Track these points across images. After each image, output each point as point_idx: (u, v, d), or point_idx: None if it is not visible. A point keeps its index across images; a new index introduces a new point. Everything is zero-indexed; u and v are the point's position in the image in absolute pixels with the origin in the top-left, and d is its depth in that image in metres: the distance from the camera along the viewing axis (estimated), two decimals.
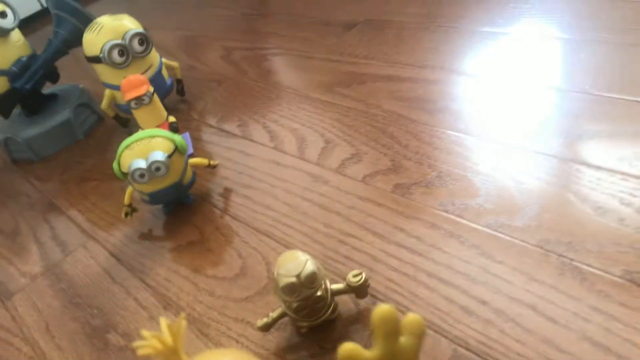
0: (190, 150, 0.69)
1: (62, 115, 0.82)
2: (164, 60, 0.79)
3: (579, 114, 0.53)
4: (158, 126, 0.67)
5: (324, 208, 0.52)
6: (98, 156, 0.77)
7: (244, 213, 0.55)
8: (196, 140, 0.72)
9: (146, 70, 0.74)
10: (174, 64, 0.81)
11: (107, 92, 0.75)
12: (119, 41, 0.70)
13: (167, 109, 0.71)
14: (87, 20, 0.76)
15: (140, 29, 0.72)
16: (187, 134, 0.74)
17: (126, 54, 0.71)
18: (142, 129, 0.67)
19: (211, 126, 0.74)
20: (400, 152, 0.56)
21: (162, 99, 0.79)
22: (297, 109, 0.71)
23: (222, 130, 0.72)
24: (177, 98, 0.84)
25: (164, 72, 0.78)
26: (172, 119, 0.69)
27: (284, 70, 0.85)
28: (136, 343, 0.22)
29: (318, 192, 0.54)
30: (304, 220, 0.51)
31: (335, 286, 0.40)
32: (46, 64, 0.79)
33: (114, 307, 0.49)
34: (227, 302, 0.45)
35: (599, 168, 0.45)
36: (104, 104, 0.76)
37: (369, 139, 0.60)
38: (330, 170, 0.57)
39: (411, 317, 0.25)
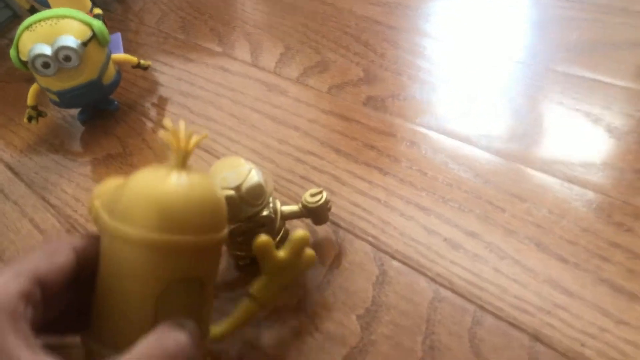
0: (120, 51, 0.57)
1: None
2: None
3: None
4: None
5: (279, 122, 0.42)
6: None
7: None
8: (129, 42, 0.60)
9: None
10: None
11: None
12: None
13: (95, 5, 0.57)
14: None
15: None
16: (118, 35, 0.61)
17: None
18: None
19: (149, 27, 0.62)
20: (376, 62, 0.46)
21: None
22: (253, 11, 0.59)
23: (162, 31, 0.60)
24: None
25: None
26: (97, 10, 0.56)
27: None
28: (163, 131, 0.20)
29: (272, 103, 0.44)
30: (253, 134, 0.41)
31: (287, 208, 0.30)
32: None
33: (3, 229, 0.38)
34: None
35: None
36: None
37: (338, 45, 0.50)
38: (289, 79, 0.47)
39: (309, 253, 0.26)
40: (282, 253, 0.25)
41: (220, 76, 0.49)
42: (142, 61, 0.49)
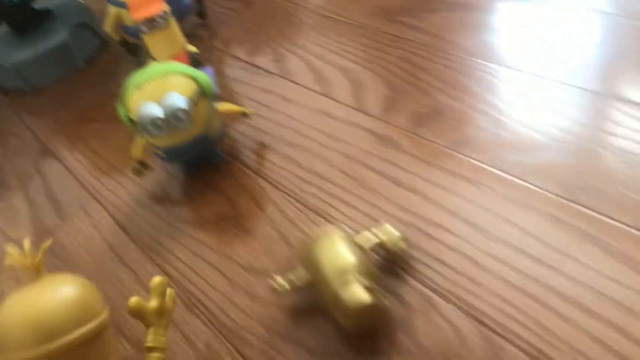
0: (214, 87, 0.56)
1: (58, 36, 0.67)
2: None
3: None
4: (174, 57, 0.53)
5: (398, 184, 0.39)
6: (100, 90, 0.63)
7: (288, 181, 0.42)
8: (220, 76, 0.58)
9: None
10: None
11: (112, 10, 0.60)
12: None
13: (184, 35, 0.56)
14: None
15: None
16: (209, 69, 0.59)
17: None
18: (155, 59, 0.53)
19: (239, 59, 0.60)
20: (504, 111, 0.42)
21: (178, 20, 0.65)
22: (350, 42, 0.56)
23: (253, 65, 0.58)
24: (196, 22, 0.69)
25: None
26: (192, 48, 0.55)
27: None
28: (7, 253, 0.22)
29: (387, 159, 0.41)
30: (371, 198, 0.39)
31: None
32: None
33: (120, 298, 0.38)
34: (274, 310, 0.34)
35: None
36: (107, 25, 0.61)
37: (449, 86, 0.46)
38: (399, 128, 0.44)
39: (170, 291, 0.30)
40: (152, 303, 0.28)
41: (323, 122, 0.47)
42: (247, 111, 0.47)
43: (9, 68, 0.65)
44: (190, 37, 0.66)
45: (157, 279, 0.28)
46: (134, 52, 0.65)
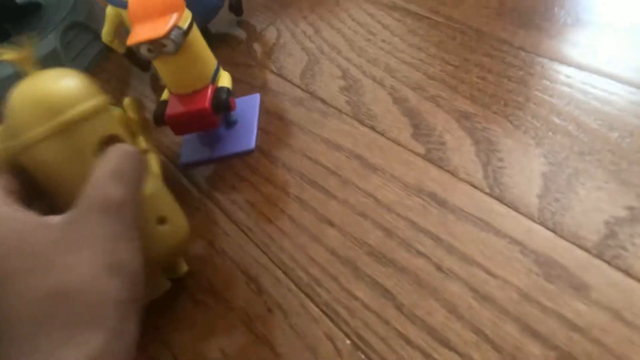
0: (255, 119, 0.38)
1: (45, 41, 0.49)
2: None
3: None
4: (197, 92, 0.34)
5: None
6: None
7: None
8: (270, 115, 0.39)
9: None
10: None
11: (110, 11, 0.42)
12: None
13: (212, 41, 0.38)
14: None
15: None
16: (256, 97, 0.41)
17: None
18: (168, 87, 0.36)
19: (290, 81, 0.41)
20: None
21: (205, 22, 0.46)
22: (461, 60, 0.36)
23: (312, 94, 0.39)
24: (230, 18, 0.50)
25: None
26: (224, 79, 0.36)
27: None
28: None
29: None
30: None
31: None
32: None
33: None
34: None
35: None
36: (106, 32, 0.43)
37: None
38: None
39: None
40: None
41: (442, 220, 0.28)
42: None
43: None
44: (222, 44, 0.47)
45: (127, 99, 0.29)
46: (144, 67, 0.46)
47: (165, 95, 0.37)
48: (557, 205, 0.27)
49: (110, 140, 0.24)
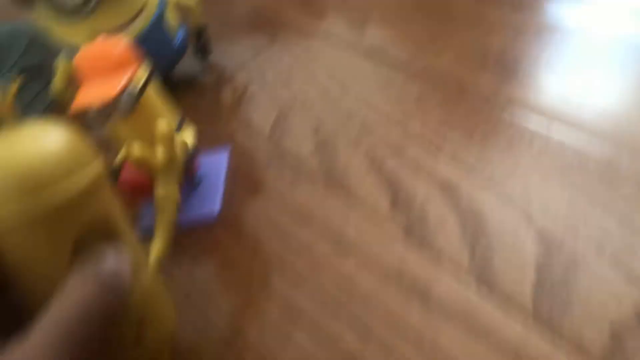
0: (221, 177, 0.34)
1: None
2: None
3: None
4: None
5: None
6: None
7: None
8: (238, 174, 0.36)
9: (131, 19, 0.36)
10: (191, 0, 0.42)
11: (61, 62, 0.38)
12: None
13: (175, 91, 0.34)
14: None
15: None
16: (224, 157, 0.37)
17: None
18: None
19: (260, 133, 0.38)
20: None
21: (167, 69, 0.43)
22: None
23: (285, 150, 0.36)
24: (195, 64, 0.47)
25: (169, 18, 0.40)
26: (187, 136, 0.33)
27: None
28: None
29: None
30: None
31: None
32: None
33: None
34: None
35: None
36: (55, 86, 0.39)
37: None
38: None
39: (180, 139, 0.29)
40: (159, 155, 0.27)
41: (426, 317, 0.25)
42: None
43: None
44: (188, 89, 0.43)
45: (162, 127, 0.27)
46: (95, 126, 0.43)
47: (120, 157, 0.33)
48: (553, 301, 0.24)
49: (95, 226, 0.19)
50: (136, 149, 0.26)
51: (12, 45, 0.49)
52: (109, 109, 0.28)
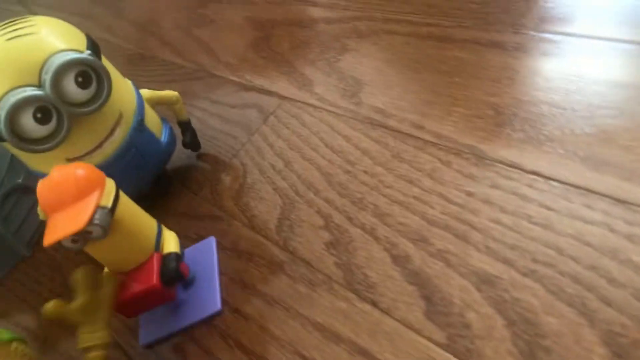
0: (215, 271, 0.32)
1: None
2: (146, 93, 0.38)
3: None
4: (142, 266, 0.28)
5: None
6: (60, 279, 0.39)
7: None
8: (222, 252, 0.33)
9: (108, 135, 0.34)
10: (170, 94, 0.40)
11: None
12: (31, 92, 0.29)
13: (169, 188, 0.32)
14: None
15: (77, 53, 0.30)
16: (211, 240, 0.34)
17: (54, 115, 0.30)
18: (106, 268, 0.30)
19: (278, 246, 0.34)
20: None
21: (158, 171, 0.40)
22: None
23: (296, 256, 0.32)
24: (188, 153, 0.44)
25: (152, 119, 0.37)
26: (169, 242, 0.30)
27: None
28: None
29: None
30: None
31: None
32: None
33: None
34: None
35: None
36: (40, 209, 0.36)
37: None
38: None
39: (108, 273, 0.28)
40: (76, 302, 0.26)
41: None
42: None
43: None
44: (182, 189, 0.40)
45: (81, 271, 0.26)
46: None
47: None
48: None
49: None
50: (47, 306, 0.25)
51: None
52: (85, 234, 0.26)
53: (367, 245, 0.31)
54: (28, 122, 0.30)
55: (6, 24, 0.32)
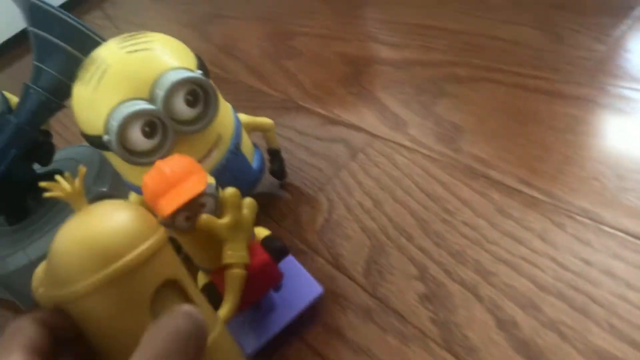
0: (319, 290, 0.30)
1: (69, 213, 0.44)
2: (244, 118, 0.38)
3: None
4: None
5: None
6: None
7: None
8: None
9: (205, 156, 0.34)
10: (266, 122, 0.40)
11: (133, 198, 0.36)
12: (143, 106, 0.30)
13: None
14: (89, 44, 0.36)
15: (190, 72, 0.31)
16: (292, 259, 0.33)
17: (159, 130, 0.31)
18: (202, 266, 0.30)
19: (365, 291, 0.33)
20: None
21: (247, 193, 0.39)
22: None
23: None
24: (272, 180, 0.43)
25: (246, 144, 0.37)
26: (260, 231, 0.29)
27: None
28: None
29: None
30: None
31: None
32: (21, 134, 0.41)
33: None
34: None
35: None
36: None
37: None
38: None
39: (249, 200, 0.28)
40: (224, 219, 0.26)
41: None
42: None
43: None
44: (264, 217, 0.40)
45: (229, 190, 0.27)
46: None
47: (201, 278, 0.32)
48: None
49: (167, 285, 0.21)
50: (202, 217, 0.26)
51: (87, 165, 0.48)
52: (197, 208, 0.26)
53: (468, 304, 0.28)
54: (135, 135, 0.31)
55: (126, 37, 0.33)
